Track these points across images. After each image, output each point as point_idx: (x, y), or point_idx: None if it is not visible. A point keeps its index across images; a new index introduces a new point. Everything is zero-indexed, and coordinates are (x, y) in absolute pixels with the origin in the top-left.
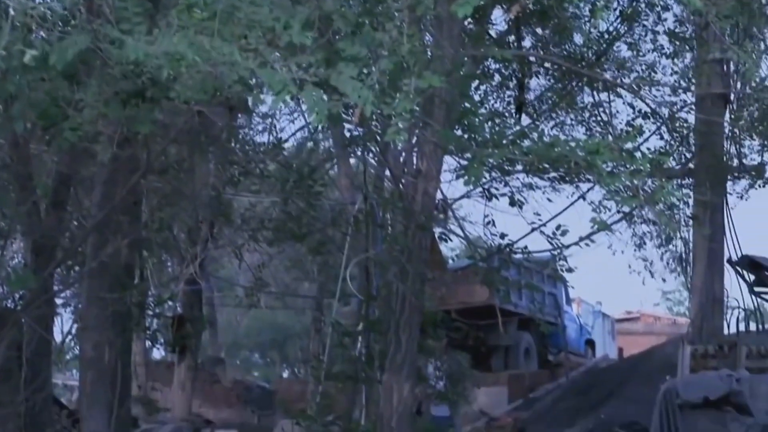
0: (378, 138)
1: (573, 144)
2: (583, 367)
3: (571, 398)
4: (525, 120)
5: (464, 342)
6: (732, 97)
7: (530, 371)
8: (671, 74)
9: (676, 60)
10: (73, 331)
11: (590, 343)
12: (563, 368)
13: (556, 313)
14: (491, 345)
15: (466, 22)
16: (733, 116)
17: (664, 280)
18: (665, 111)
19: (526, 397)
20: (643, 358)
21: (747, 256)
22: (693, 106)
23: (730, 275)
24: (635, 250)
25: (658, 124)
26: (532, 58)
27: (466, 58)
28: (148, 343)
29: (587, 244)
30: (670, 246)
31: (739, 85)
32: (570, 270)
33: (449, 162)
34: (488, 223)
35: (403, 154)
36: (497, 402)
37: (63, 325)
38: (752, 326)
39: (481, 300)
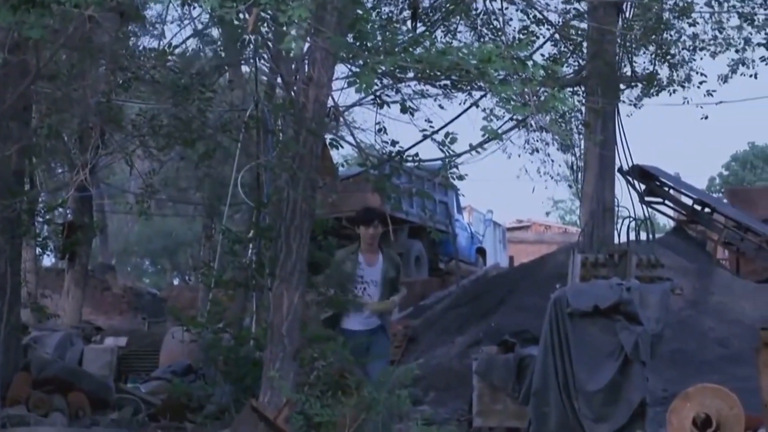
0: (270, 45)
1: (465, 52)
2: (473, 276)
3: (462, 306)
4: (420, 28)
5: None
6: (624, 5)
7: (421, 279)
8: None
9: None
10: None
11: (481, 252)
12: (454, 276)
13: (447, 221)
14: None
15: None
16: (625, 25)
17: (570, 186)
18: (558, 19)
19: (417, 305)
20: (533, 266)
21: (638, 166)
22: (586, 15)
23: (621, 184)
24: (531, 154)
25: (551, 32)
26: None
27: None
28: (38, 250)
29: (478, 152)
30: (565, 154)
31: None
32: (461, 178)
33: (341, 69)
34: (380, 130)
35: (295, 61)
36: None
37: None
38: (643, 236)
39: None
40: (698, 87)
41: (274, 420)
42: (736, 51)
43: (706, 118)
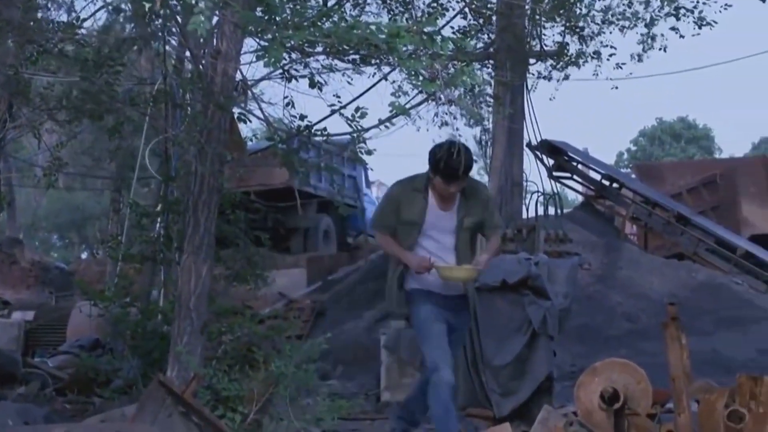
0: (178, 19)
1: (374, 27)
2: (382, 250)
3: (370, 281)
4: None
5: (263, 224)
6: None
7: (329, 253)
8: None
9: None
10: None
11: None
12: (362, 251)
13: (355, 196)
14: (290, 227)
15: None
16: None
17: (475, 161)
18: None
19: (325, 280)
20: None
21: (547, 141)
22: None
23: (529, 159)
24: (439, 128)
25: (461, 5)
26: None
27: None
28: None
29: (387, 127)
30: (474, 128)
31: None
32: (369, 152)
33: (250, 43)
34: (288, 104)
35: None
36: (296, 284)
37: None
38: (551, 211)
39: (281, 182)
40: (608, 59)
41: (182, 394)
42: (645, 26)
43: (616, 88)
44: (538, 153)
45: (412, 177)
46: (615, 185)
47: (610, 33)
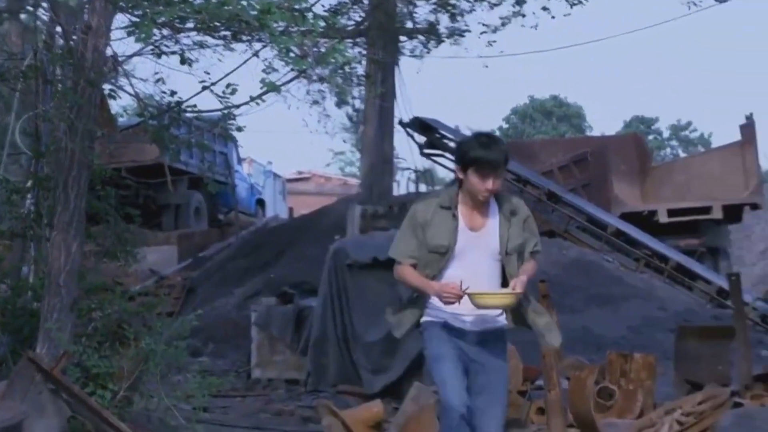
0: None
1: (245, 3)
2: (253, 227)
3: (241, 258)
4: None
5: (134, 200)
6: None
7: (200, 230)
8: None
9: None
10: None
11: (261, 203)
12: (233, 227)
13: (226, 173)
14: (161, 204)
15: None
16: None
17: (344, 141)
18: None
19: (196, 257)
20: (313, 218)
21: (418, 118)
22: None
23: (401, 136)
24: (310, 106)
25: None
26: None
27: None
28: None
29: (257, 104)
30: (345, 106)
31: None
32: (240, 129)
33: (121, 19)
34: (159, 80)
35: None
36: (167, 261)
37: None
38: (422, 187)
39: (151, 158)
40: (479, 37)
41: (51, 371)
42: (516, 3)
43: (487, 66)
44: (410, 130)
45: (434, 194)
46: None
47: (482, 11)
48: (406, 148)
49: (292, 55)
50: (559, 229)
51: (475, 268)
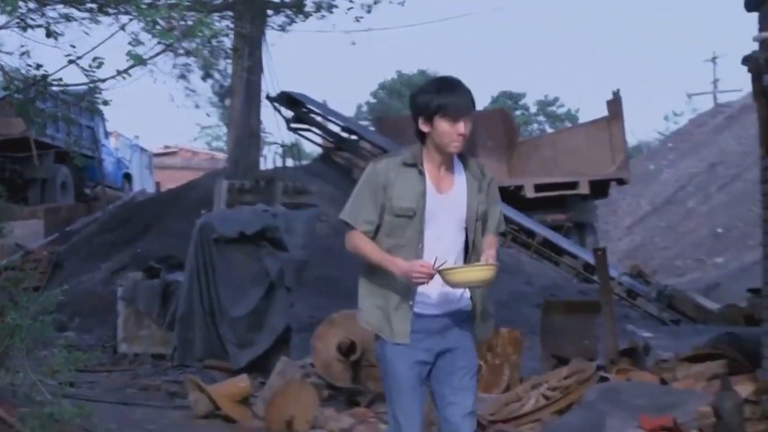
0: None
1: None
2: (120, 201)
3: (108, 232)
4: None
5: (0, 174)
6: None
7: (67, 204)
8: None
9: None
10: None
11: (127, 177)
12: (100, 202)
13: (93, 147)
14: (27, 178)
15: None
16: None
17: (210, 116)
18: None
19: (63, 231)
20: (180, 192)
21: (285, 93)
22: None
23: (268, 111)
24: (177, 81)
25: None
26: None
27: None
28: None
29: (124, 78)
30: (212, 80)
31: None
32: (106, 103)
33: None
34: (24, 53)
35: None
36: (33, 235)
37: None
38: (289, 162)
39: (17, 132)
40: (346, 13)
41: None
42: None
43: (354, 44)
44: (277, 105)
45: (394, 152)
46: (354, 137)
47: None
48: (273, 123)
49: (158, 28)
50: None
51: (442, 237)
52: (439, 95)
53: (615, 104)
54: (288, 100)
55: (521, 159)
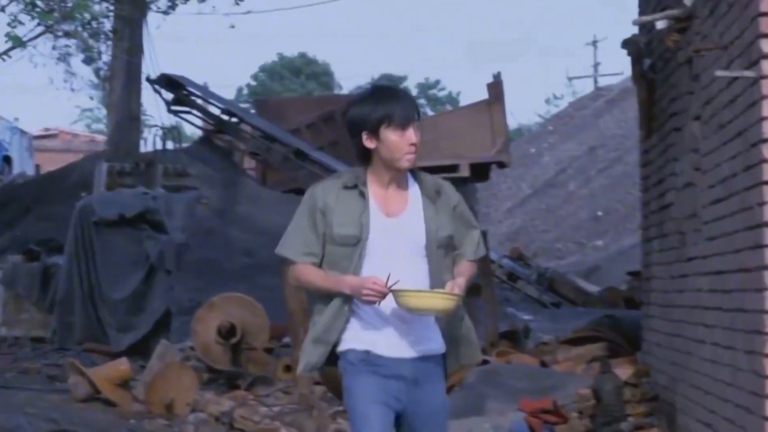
0: None
1: None
2: None
3: None
4: None
5: None
6: None
7: None
8: None
9: None
10: None
11: (7, 160)
12: None
13: None
14: None
15: None
16: None
17: (92, 98)
18: None
19: None
20: (60, 175)
21: (165, 75)
22: None
23: (148, 93)
24: (56, 63)
25: None
26: None
27: None
28: None
29: (3, 60)
30: (93, 63)
31: None
32: None
33: None
34: None
35: None
36: None
37: None
38: (170, 145)
39: None
40: None
41: None
42: None
43: (233, 27)
44: (157, 87)
45: (334, 175)
46: (234, 120)
47: None
48: (153, 105)
49: (38, 9)
50: (306, 186)
51: (395, 267)
52: (382, 104)
53: (496, 87)
54: (168, 82)
55: None
